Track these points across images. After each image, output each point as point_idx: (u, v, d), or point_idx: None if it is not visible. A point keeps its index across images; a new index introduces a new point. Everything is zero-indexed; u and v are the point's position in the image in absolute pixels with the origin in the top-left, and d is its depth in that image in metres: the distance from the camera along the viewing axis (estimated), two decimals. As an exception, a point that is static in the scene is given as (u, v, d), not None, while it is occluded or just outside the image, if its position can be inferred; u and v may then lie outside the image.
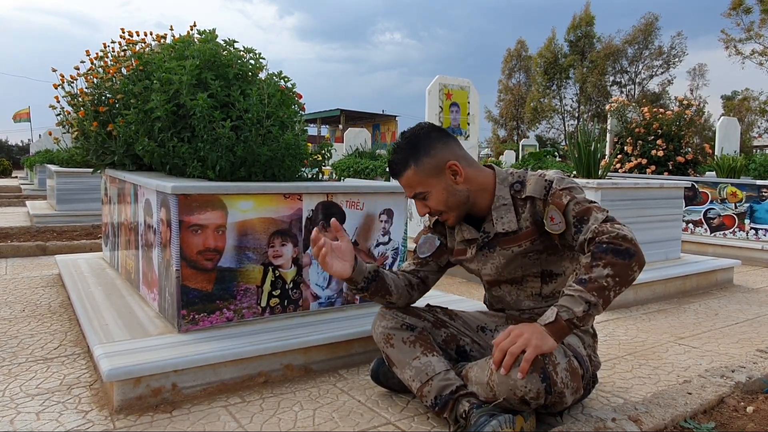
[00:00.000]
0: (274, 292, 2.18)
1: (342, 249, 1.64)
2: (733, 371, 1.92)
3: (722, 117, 9.26)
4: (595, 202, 1.54)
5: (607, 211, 1.51)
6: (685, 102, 6.82)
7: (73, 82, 3.14)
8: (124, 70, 2.94)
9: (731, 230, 5.15)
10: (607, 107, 7.03)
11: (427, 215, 1.74)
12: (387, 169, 1.72)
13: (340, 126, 25.08)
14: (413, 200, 1.69)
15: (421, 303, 1.84)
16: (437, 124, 5.32)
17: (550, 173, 1.63)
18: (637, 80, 35.34)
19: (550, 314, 1.39)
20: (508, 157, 18.39)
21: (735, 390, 1.80)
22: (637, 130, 6.53)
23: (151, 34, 3.21)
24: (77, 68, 3.12)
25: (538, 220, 1.60)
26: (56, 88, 3.13)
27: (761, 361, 2.05)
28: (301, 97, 2.77)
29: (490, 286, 1.78)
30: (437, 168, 1.62)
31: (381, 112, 27.50)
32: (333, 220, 1.66)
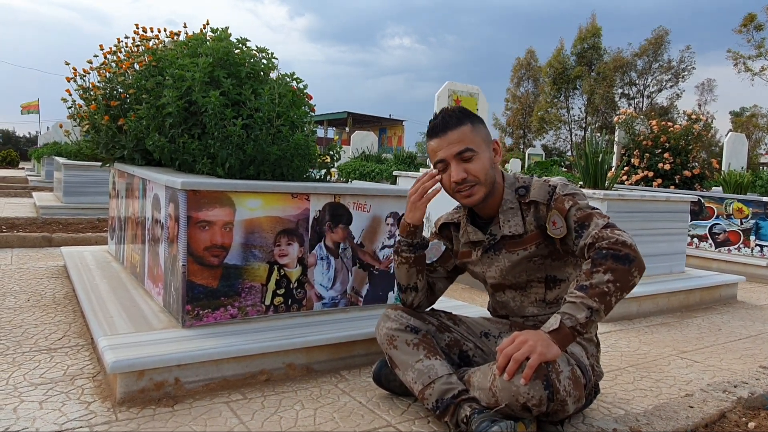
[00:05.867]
0: (278, 291, 2.19)
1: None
2: (735, 386, 1.92)
3: (730, 133, 9.25)
4: (597, 209, 1.56)
5: (609, 218, 1.53)
6: (693, 116, 6.82)
7: (85, 76, 3.17)
8: (136, 66, 2.96)
9: (736, 246, 5.14)
10: (616, 119, 7.03)
11: (437, 221, 1.74)
12: (429, 129, 1.66)
13: (347, 129, 25.12)
14: (448, 164, 1.61)
15: (425, 307, 1.85)
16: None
17: (555, 179, 1.66)
18: (646, 93, 35.31)
19: (553, 321, 1.39)
20: (514, 165, 18.39)
21: (737, 405, 1.80)
22: (644, 142, 6.53)
23: (164, 30, 3.24)
24: (90, 62, 3.15)
25: (541, 225, 1.62)
26: (69, 81, 3.16)
27: (764, 378, 2.05)
28: (311, 98, 2.78)
29: (494, 291, 1.79)
30: (487, 138, 1.66)
31: (388, 116, 27.54)
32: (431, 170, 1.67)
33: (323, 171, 2.77)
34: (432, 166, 1.69)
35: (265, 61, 2.71)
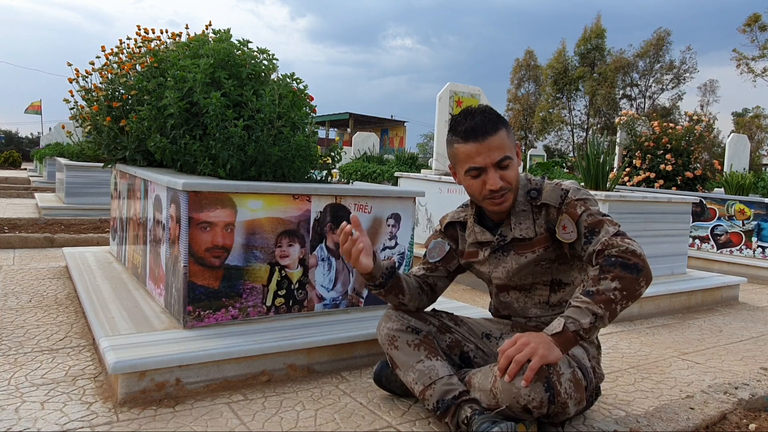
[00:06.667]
0: (279, 292, 2.19)
1: (366, 244, 1.61)
2: (736, 388, 1.92)
3: (732, 134, 9.24)
4: (608, 216, 1.55)
5: (619, 226, 1.52)
6: (695, 117, 6.81)
7: (87, 77, 3.18)
8: (138, 67, 2.97)
9: (738, 247, 5.13)
10: (617, 120, 7.02)
11: (442, 219, 1.74)
12: (463, 131, 1.57)
13: (349, 129, 25.14)
14: (485, 170, 1.55)
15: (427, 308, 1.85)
16: (447, 131, 5.35)
17: (567, 183, 1.64)
18: (648, 94, 35.29)
19: (557, 324, 1.39)
20: (516, 166, 18.33)
21: (738, 407, 1.80)
22: (646, 143, 6.52)
23: (166, 32, 3.24)
24: (92, 63, 3.15)
25: (551, 228, 1.61)
26: (71, 83, 3.17)
27: (765, 379, 2.05)
28: (312, 99, 2.78)
29: (498, 291, 1.78)
30: (515, 143, 1.62)
31: (390, 117, 27.55)
32: (353, 215, 1.60)
33: (324, 172, 2.78)
34: (463, 171, 1.60)
35: (266, 62, 2.71)
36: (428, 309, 1.85)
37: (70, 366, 1.97)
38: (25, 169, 20.64)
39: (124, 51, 3.17)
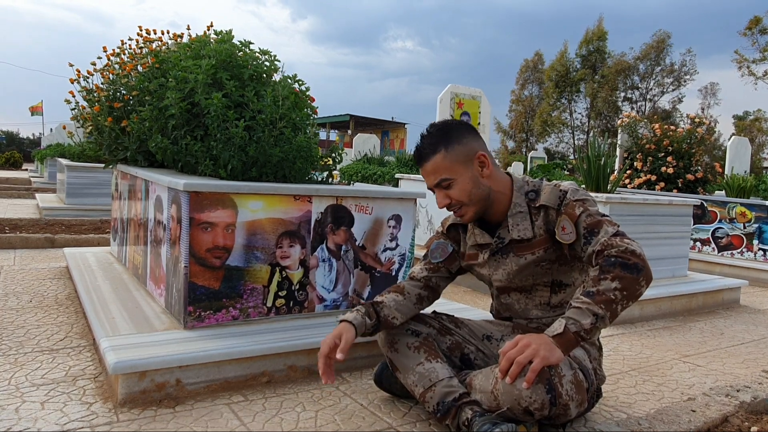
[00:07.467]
0: (280, 293, 2.19)
1: (345, 342, 1.57)
2: (738, 391, 1.91)
3: (733, 136, 9.24)
4: (607, 216, 1.56)
5: (618, 226, 1.52)
6: (696, 120, 6.81)
7: (88, 78, 3.18)
8: (140, 68, 2.97)
9: (739, 250, 5.12)
10: (618, 122, 7.03)
11: (444, 221, 1.74)
12: (414, 156, 1.69)
13: (349, 131, 25.16)
14: (434, 190, 1.66)
15: (427, 309, 1.85)
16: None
17: (565, 184, 1.64)
18: (648, 97, 35.31)
19: (558, 326, 1.39)
20: (516, 168, 18.38)
21: (739, 409, 1.79)
22: (647, 146, 6.52)
23: (168, 32, 3.25)
24: (94, 64, 3.16)
25: (551, 229, 1.61)
26: (72, 83, 3.17)
27: (766, 382, 2.05)
28: (313, 100, 2.78)
29: (499, 293, 1.78)
30: (467, 156, 1.63)
31: (390, 119, 27.57)
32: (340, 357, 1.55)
33: (325, 173, 2.78)
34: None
35: (267, 63, 2.71)
36: (428, 311, 1.84)
37: (70, 366, 1.97)
38: (26, 169, 20.66)
39: (126, 52, 3.18)
